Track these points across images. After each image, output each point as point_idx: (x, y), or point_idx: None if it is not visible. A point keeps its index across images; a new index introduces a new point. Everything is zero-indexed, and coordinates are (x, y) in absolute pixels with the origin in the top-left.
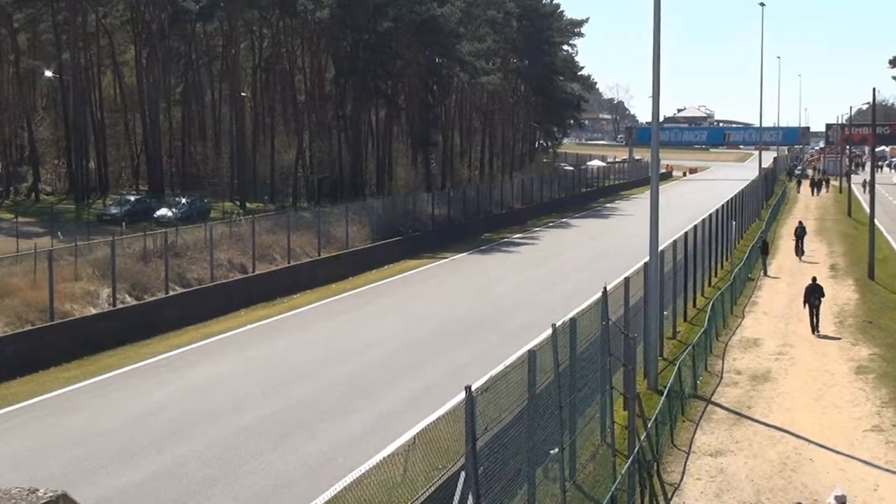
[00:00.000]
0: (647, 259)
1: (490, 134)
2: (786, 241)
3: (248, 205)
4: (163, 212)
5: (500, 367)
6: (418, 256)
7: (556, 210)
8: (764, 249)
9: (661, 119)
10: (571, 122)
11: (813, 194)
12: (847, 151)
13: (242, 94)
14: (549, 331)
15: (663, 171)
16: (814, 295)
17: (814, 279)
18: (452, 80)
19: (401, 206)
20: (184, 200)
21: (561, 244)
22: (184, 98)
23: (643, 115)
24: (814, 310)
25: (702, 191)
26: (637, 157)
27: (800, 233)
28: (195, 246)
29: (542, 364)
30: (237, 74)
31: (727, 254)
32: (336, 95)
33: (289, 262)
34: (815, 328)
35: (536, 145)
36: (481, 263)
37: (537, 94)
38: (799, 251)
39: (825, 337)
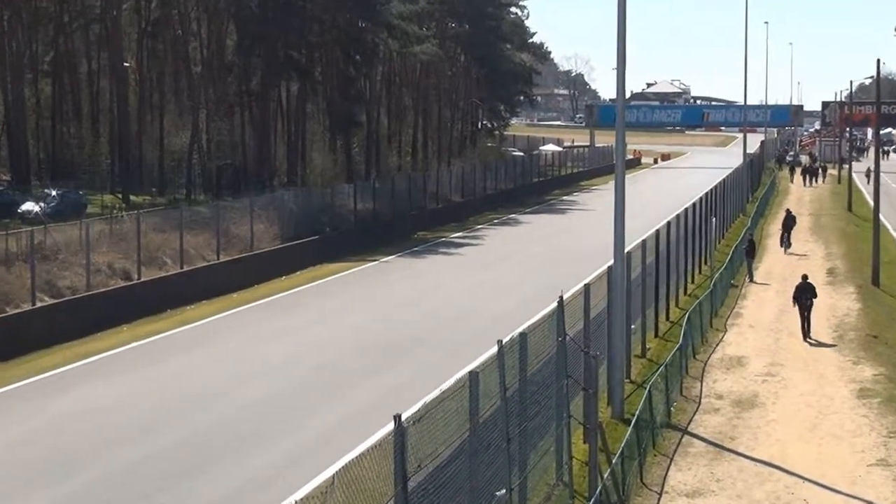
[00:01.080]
0: (610, 262)
1: (424, 113)
2: (775, 241)
3: (132, 198)
4: (28, 206)
5: (437, 392)
6: (339, 259)
7: (504, 204)
8: (750, 251)
9: (628, 95)
10: (521, 98)
11: (807, 184)
12: (847, 134)
13: (125, 64)
14: (495, 348)
15: (630, 157)
16: (804, 294)
17: (804, 277)
18: (379, 49)
19: (317, 199)
20: (54, 193)
21: (509, 245)
22: (54, 69)
23: (606, 91)
24: (805, 312)
25: (676, 181)
26: (602, 144)
27: (788, 223)
28: (68, 248)
29: (487, 388)
30: (119, 41)
31: (706, 256)
32: (239, 67)
33: (181, 267)
34: (806, 333)
35: (479, 127)
36: (414, 268)
37: (480, 65)
38: (784, 242)
39: (818, 344)
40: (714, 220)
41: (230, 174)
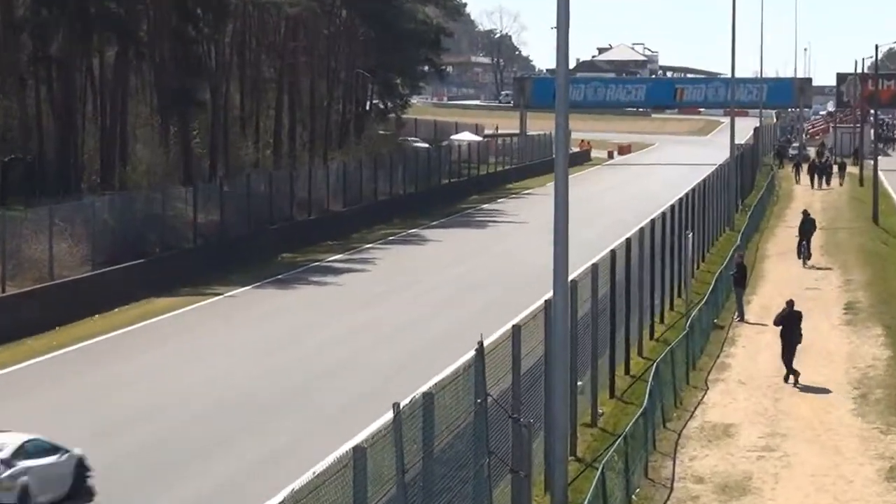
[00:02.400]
0: (549, 295)
1: (291, 89)
2: (774, 263)
3: None
4: None
5: (308, 476)
6: (173, 292)
7: (401, 214)
8: (739, 279)
9: (573, 65)
10: (425, 69)
11: (815, 186)
12: (871, 118)
13: None
14: (389, 414)
15: (576, 149)
16: (793, 327)
17: (790, 304)
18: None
19: (143, 208)
20: None
21: (408, 271)
22: None
23: (543, 60)
24: (792, 350)
25: (640, 182)
26: (537, 132)
27: (806, 228)
28: None
29: (377, 470)
30: None
31: (680, 286)
32: (34, 26)
33: None
34: (789, 374)
35: (368, 108)
36: (278, 302)
37: (369, 22)
38: (803, 253)
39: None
40: (691, 235)
41: (20, 172)
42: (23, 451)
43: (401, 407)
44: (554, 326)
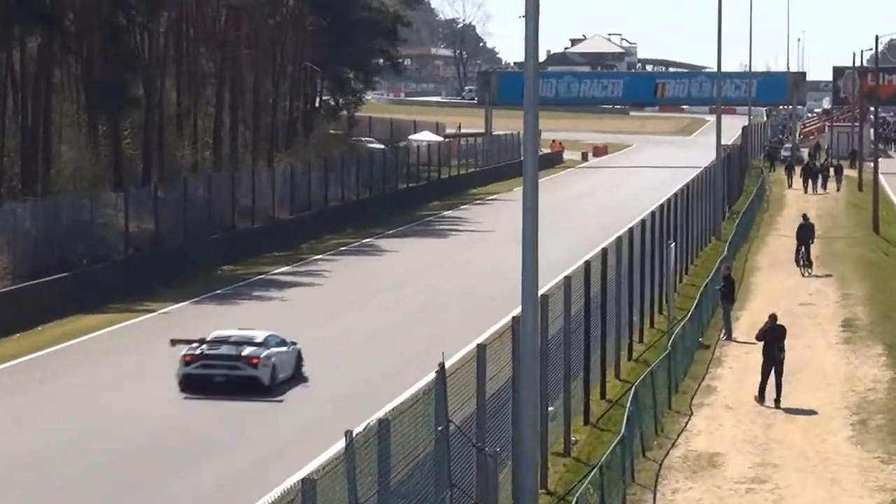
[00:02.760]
0: (517, 311)
1: (234, 85)
2: (764, 275)
3: None
4: None
5: None
6: (103, 308)
7: (354, 222)
8: (727, 293)
9: (544, 57)
10: (381, 62)
11: (809, 191)
12: (871, 116)
13: None
14: (341, 443)
15: (547, 150)
16: (776, 343)
17: (773, 318)
18: None
19: (69, 215)
20: None
21: (361, 285)
22: None
23: (510, 52)
24: (776, 367)
25: (617, 187)
26: (504, 132)
27: (804, 234)
28: None
29: None
30: None
31: (662, 301)
32: None
33: None
34: (774, 394)
35: (318, 105)
36: (218, 320)
37: (318, 10)
38: (802, 262)
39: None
40: (673, 245)
41: None
42: (267, 342)
43: (354, 435)
44: (523, 346)
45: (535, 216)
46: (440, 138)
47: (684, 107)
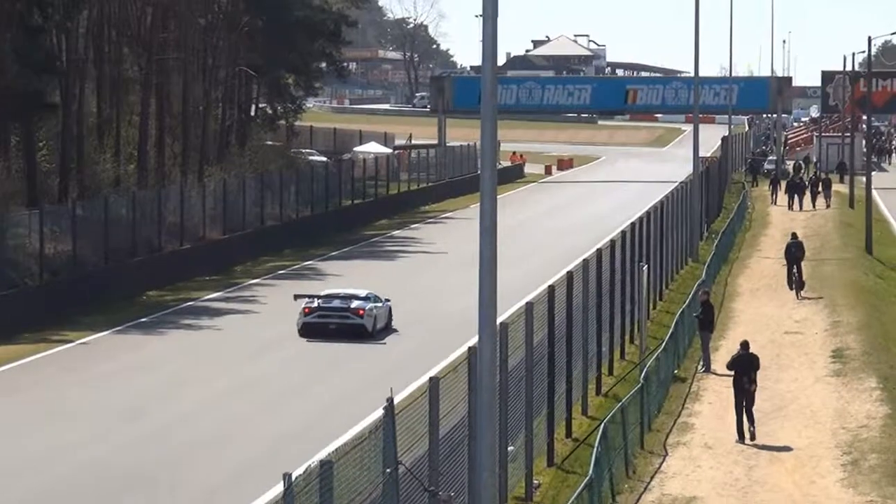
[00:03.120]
0: (473, 341)
1: (160, 91)
2: (746, 301)
3: None
4: None
5: None
6: (14, 338)
7: (293, 243)
8: (705, 321)
9: (504, 60)
10: (323, 66)
11: (794, 207)
12: (862, 126)
13: None
14: (279, 487)
15: (507, 164)
16: (747, 373)
17: (745, 345)
18: None
19: None
20: None
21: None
22: None
23: (466, 55)
24: (747, 400)
25: (583, 204)
26: (459, 143)
27: (794, 252)
28: None
29: None
30: None
31: (634, 329)
32: None
33: None
34: (744, 433)
35: (254, 114)
36: (143, 352)
37: (254, 9)
38: (794, 283)
39: (816, 474)
40: (646, 268)
41: None
42: (368, 298)
43: (293, 478)
44: (480, 379)
45: (493, 237)
46: (389, 150)
47: (658, 115)
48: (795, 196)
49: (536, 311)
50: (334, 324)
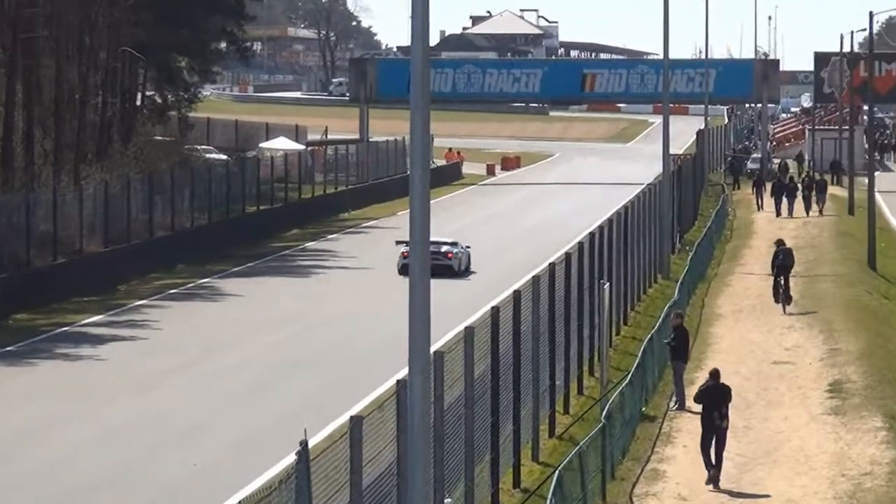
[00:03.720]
0: (402, 373)
1: (28, 77)
2: (727, 325)
3: None
4: None
5: None
6: None
7: (188, 256)
8: (678, 348)
9: (437, 39)
10: (222, 47)
11: (782, 213)
12: (862, 118)
13: None
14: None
15: (441, 162)
16: (717, 406)
17: (715, 374)
18: None
19: None
20: None
21: (198, 341)
22: None
23: (392, 34)
24: (717, 436)
25: (531, 210)
26: (385, 138)
27: (782, 261)
28: None
29: None
30: None
31: (593, 359)
32: None
33: None
34: (715, 478)
35: (140, 103)
36: (9, 386)
37: None
38: (781, 297)
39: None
40: (607, 287)
41: None
42: (455, 244)
43: None
44: (410, 418)
45: (426, 249)
46: (301, 146)
47: (621, 105)
48: (784, 200)
49: (478, 338)
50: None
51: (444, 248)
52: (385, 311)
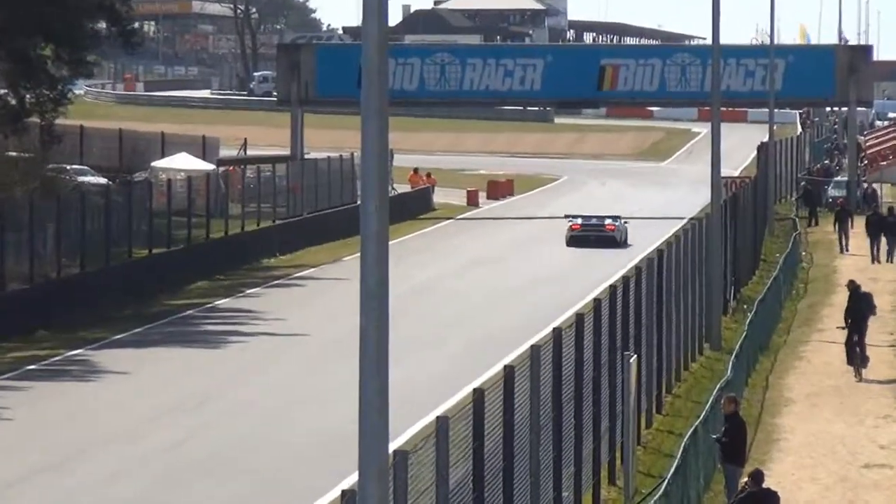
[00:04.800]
0: (350, 481)
1: None
2: (801, 415)
3: None
4: None
5: None
6: None
7: (53, 318)
8: (731, 445)
9: (398, 18)
10: (102, 29)
11: (879, 256)
12: None
13: None
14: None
15: (404, 188)
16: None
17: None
18: None
19: None
20: None
21: (66, 434)
22: None
23: (335, 12)
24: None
25: (528, 254)
26: (327, 155)
27: (857, 309)
28: None
29: None
30: None
31: (615, 460)
32: None
33: None
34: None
35: None
36: None
37: None
38: (854, 358)
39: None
40: (633, 360)
41: None
42: (616, 218)
43: None
44: None
45: (382, 307)
46: (210, 166)
47: (653, 109)
48: (883, 238)
49: (455, 433)
50: (593, 236)
51: (607, 222)
52: (325, 393)
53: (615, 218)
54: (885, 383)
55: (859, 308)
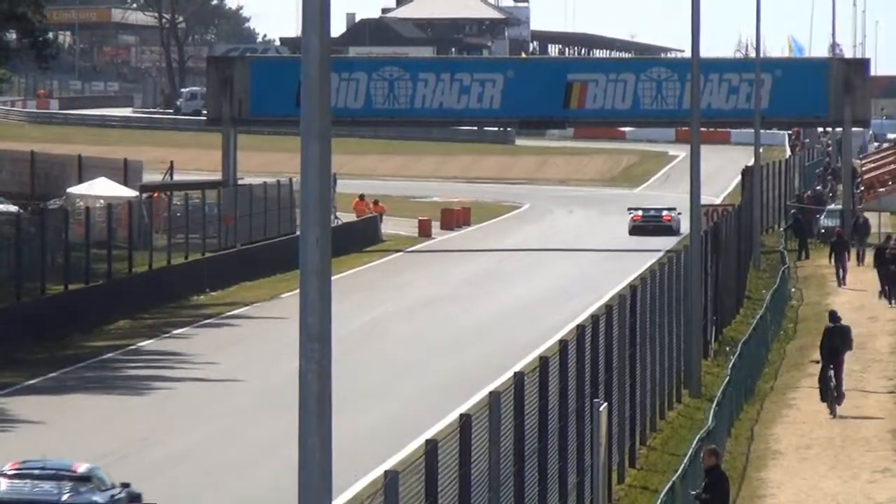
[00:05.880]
0: None
1: None
2: (789, 469)
3: None
4: None
5: None
6: None
7: None
8: (712, 502)
9: (343, 28)
10: (10, 39)
11: (888, 298)
12: None
13: None
14: None
15: (348, 217)
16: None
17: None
18: None
19: None
20: None
21: None
22: None
23: (272, 23)
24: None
25: (486, 291)
26: (263, 180)
27: (834, 344)
28: None
29: None
30: None
31: None
32: None
33: None
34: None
35: None
36: None
37: None
38: (829, 394)
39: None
40: (603, 408)
41: None
42: (672, 209)
43: None
44: None
45: (324, 350)
46: (133, 193)
47: (626, 130)
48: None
49: (405, 488)
50: (652, 226)
51: (664, 213)
52: (259, 447)
53: (671, 209)
54: (881, 433)
55: (834, 341)
